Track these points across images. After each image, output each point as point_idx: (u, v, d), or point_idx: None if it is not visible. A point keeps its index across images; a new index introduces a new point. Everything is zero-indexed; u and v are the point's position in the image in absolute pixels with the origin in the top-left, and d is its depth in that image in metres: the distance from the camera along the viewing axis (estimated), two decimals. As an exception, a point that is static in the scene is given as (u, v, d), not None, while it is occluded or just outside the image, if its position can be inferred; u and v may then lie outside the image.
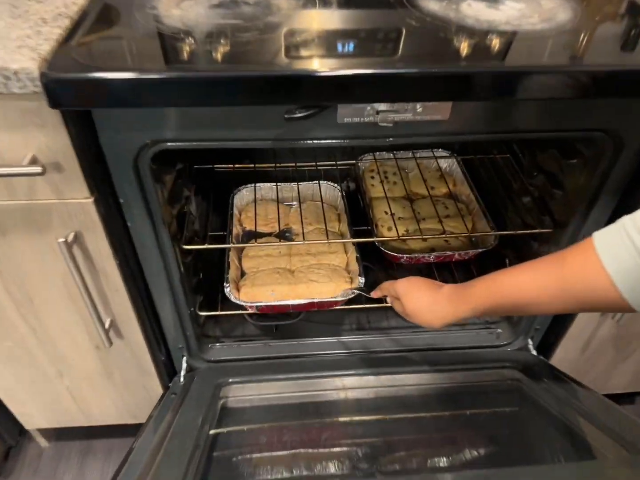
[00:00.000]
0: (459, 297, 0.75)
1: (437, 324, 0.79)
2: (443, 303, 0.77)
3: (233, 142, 0.79)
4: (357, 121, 0.77)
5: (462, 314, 0.75)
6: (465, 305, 0.74)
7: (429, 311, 0.80)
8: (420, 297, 0.81)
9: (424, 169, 1.45)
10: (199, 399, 0.98)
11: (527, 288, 0.66)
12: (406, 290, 0.85)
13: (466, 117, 0.79)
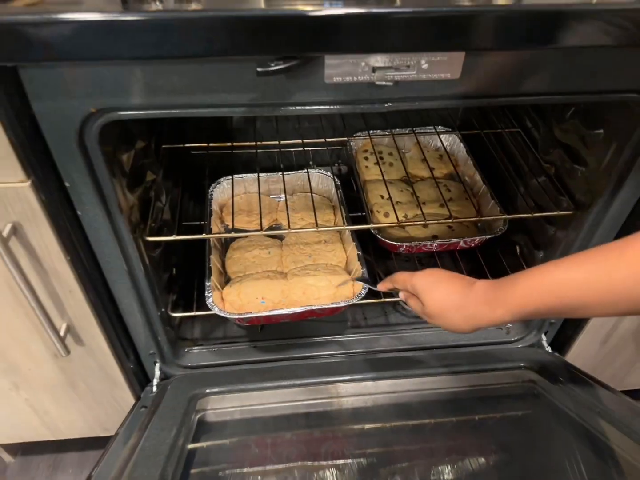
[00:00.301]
0: (497, 297, 0.61)
1: (467, 328, 0.65)
2: (476, 303, 0.63)
3: (198, 110, 0.65)
4: (349, 81, 0.63)
5: (500, 317, 0.61)
6: (505, 307, 0.60)
7: (458, 313, 0.65)
8: (446, 295, 0.67)
9: (423, 148, 1.31)
10: (171, 414, 0.85)
11: (587, 287, 0.52)
12: (428, 286, 0.69)
13: (480, 77, 0.65)
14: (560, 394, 0.89)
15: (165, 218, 0.98)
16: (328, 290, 0.99)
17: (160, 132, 1.03)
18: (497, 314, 0.60)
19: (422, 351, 1.10)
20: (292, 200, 1.18)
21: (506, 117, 1.16)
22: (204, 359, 1.07)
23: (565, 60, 0.65)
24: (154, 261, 0.92)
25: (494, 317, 0.61)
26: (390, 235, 1.10)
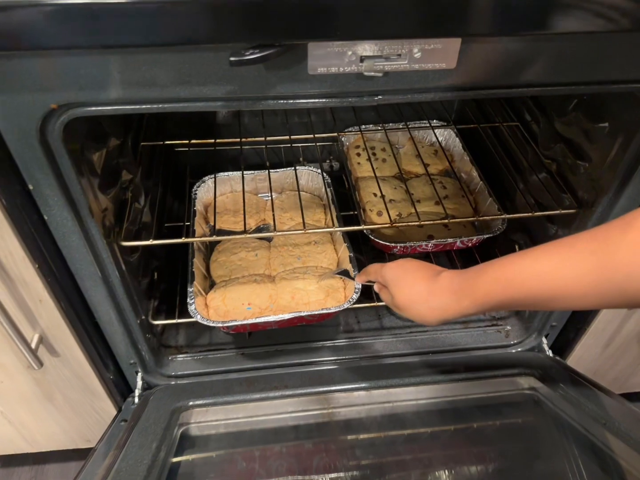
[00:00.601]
0: (462, 288, 0.58)
1: (433, 320, 0.63)
2: (442, 294, 0.61)
3: (171, 105, 0.59)
4: (334, 72, 0.57)
5: (465, 309, 0.58)
6: (470, 298, 0.57)
7: (424, 304, 0.63)
8: (413, 285, 0.65)
9: (417, 143, 1.26)
10: (152, 429, 0.80)
11: (554, 277, 0.49)
12: (396, 277, 0.68)
13: (478, 66, 0.60)
14: (563, 402, 0.85)
15: (145, 220, 0.93)
16: (318, 294, 0.94)
17: (139, 129, 0.97)
18: (462, 305, 0.58)
19: (417, 356, 1.05)
20: (281, 199, 1.13)
21: (504, 110, 1.10)
22: (188, 368, 1.02)
23: (569, 47, 0.60)
24: (132, 266, 0.86)
25: (460, 308, 0.59)
26: (383, 235, 1.05)
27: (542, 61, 0.60)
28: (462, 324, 1.11)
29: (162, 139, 1.04)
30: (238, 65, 0.49)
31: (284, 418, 0.87)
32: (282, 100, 0.61)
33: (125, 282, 0.82)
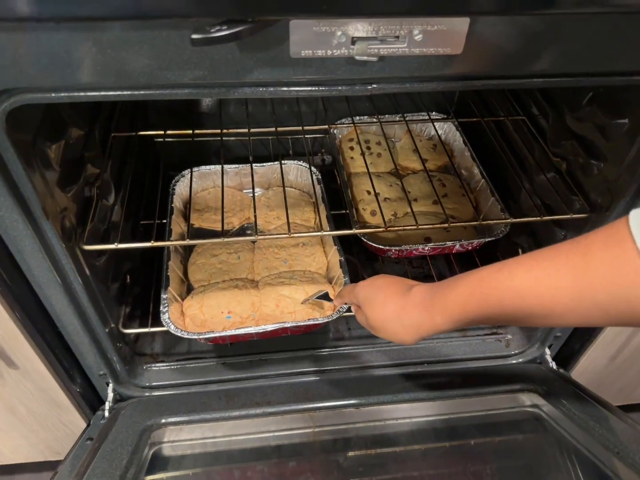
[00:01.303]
0: (434, 303, 0.55)
1: (407, 338, 0.59)
2: (413, 310, 0.57)
3: (127, 93, 0.51)
4: (321, 55, 0.49)
5: (439, 326, 0.55)
6: (443, 314, 0.54)
7: (397, 322, 0.59)
8: (384, 303, 0.61)
9: (415, 137, 1.18)
10: (117, 452, 0.72)
11: (531, 295, 0.46)
12: (368, 296, 0.65)
13: (488, 52, 0.52)
14: (569, 424, 0.78)
15: (115, 219, 0.84)
16: (305, 303, 0.86)
17: (109, 118, 0.88)
18: (436, 321, 0.54)
19: (412, 367, 0.98)
20: (267, 196, 1.04)
21: (509, 102, 1.02)
22: (165, 378, 0.94)
23: (594, 30, 0.52)
24: (99, 270, 0.78)
25: (433, 324, 0.55)
26: (377, 237, 0.97)
27: (561, 47, 0.52)
28: (459, 333, 1.04)
29: (137, 130, 0.95)
30: (202, 44, 0.40)
31: (266, 437, 0.80)
32: (261, 88, 0.53)
33: (89, 288, 0.74)
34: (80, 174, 0.72)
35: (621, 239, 0.39)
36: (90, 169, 0.75)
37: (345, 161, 1.13)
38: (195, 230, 0.97)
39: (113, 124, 0.88)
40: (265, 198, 1.04)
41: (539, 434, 0.83)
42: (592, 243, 0.42)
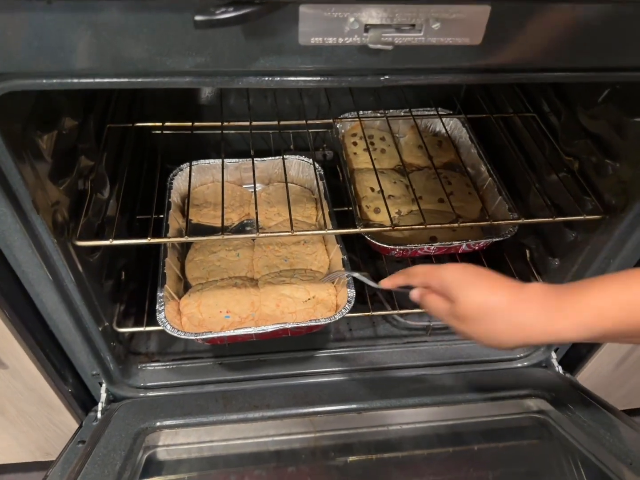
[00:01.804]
0: (561, 306, 0.46)
1: (509, 340, 0.49)
2: (529, 308, 0.48)
3: (124, 80, 0.48)
4: (332, 43, 0.46)
5: (560, 332, 0.46)
6: (572, 318, 0.45)
7: (503, 318, 0.49)
8: (489, 293, 0.50)
9: (420, 133, 1.14)
10: (110, 457, 0.70)
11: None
12: (464, 281, 0.52)
13: (510, 43, 0.49)
14: (579, 432, 0.75)
15: (111, 213, 0.81)
16: (306, 303, 0.83)
17: (105, 108, 0.85)
18: (556, 327, 0.46)
19: (414, 369, 0.95)
20: (268, 192, 1.01)
21: (518, 98, 0.99)
22: (160, 378, 0.91)
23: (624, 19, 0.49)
24: (92, 267, 0.75)
25: (552, 330, 0.46)
26: (380, 235, 0.94)
27: (588, 39, 0.49)
28: (463, 334, 1.02)
29: (134, 121, 0.91)
30: (206, 27, 0.37)
31: (265, 442, 0.77)
32: (267, 77, 0.49)
33: (82, 286, 0.71)
34: (73, 166, 0.68)
35: None
36: (84, 161, 0.72)
37: (349, 157, 1.10)
38: (194, 226, 0.94)
39: (109, 114, 0.85)
40: (265, 194, 1.01)
41: (545, 441, 0.80)
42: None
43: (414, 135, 1.13)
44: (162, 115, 0.97)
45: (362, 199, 1.01)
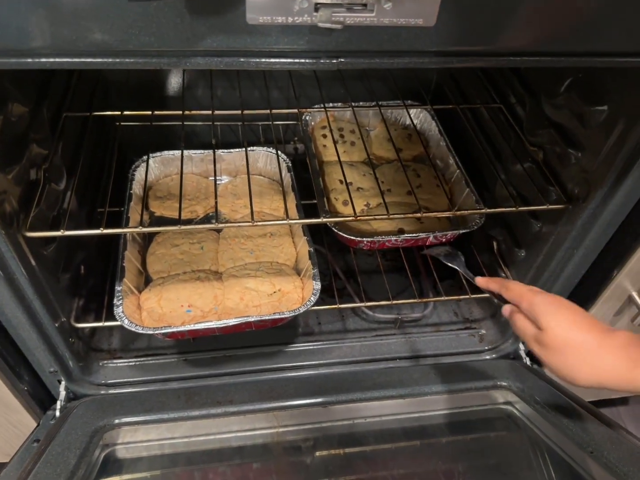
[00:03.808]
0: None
1: (585, 378, 0.52)
2: (614, 353, 0.50)
3: (60, 60, 0.45)
4: (281, 22, 0.45)
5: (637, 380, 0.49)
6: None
7: (585, 357, 0.51)
8: (578, 331, 0.53)
9: (390, 126, 1.14)
10: (63, 456, 0.67)
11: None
12: (556, 312, 0.55)
13: (464, 25, 0.48)
14: (543, 422, 0.75)
15: (67, 206, 0.78)
16: (271, 296, 0.82)
17: (63, 96, 0.82)
18: (635, 375, 0.49)
19: (383, 362, 0.95)
20: (234, 184, 0.99)
21: (485, 90, 0.99)
22: (122, 375, 0.89)
23: (581, 6, 0.48)
24: (47, 260, 0.72)
25: (631, 378, 0.49)
26: (349, 227, 0.93)
27: (544, 22, 0.49)
28: (433, 327, 1.02)
29: (96, 109, 0.89)
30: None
31: (227, 438, 0.76)
32: (216, 58, 0.48)
33: (35, 280, 0.68)
34: (22, 154, 0.65)
35: None
36: (35, 150, 0.69)
37: (318, 149, 1.08)
38: (157, 219, 0.92)
39: (66, 102, 0.82)
40: (232, 186, 0.99)
41: (512, 432, 0.80)
42: None
43: (384, 128, 1.12)
44: (127, 105, 0.94)
45: (331, 191, 1.00)
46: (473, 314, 1.04)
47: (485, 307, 1.04)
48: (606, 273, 0.82)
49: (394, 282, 1.06)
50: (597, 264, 0.81)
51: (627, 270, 0.80)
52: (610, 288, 0.83)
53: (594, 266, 0.82)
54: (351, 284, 1.05)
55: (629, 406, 1.33)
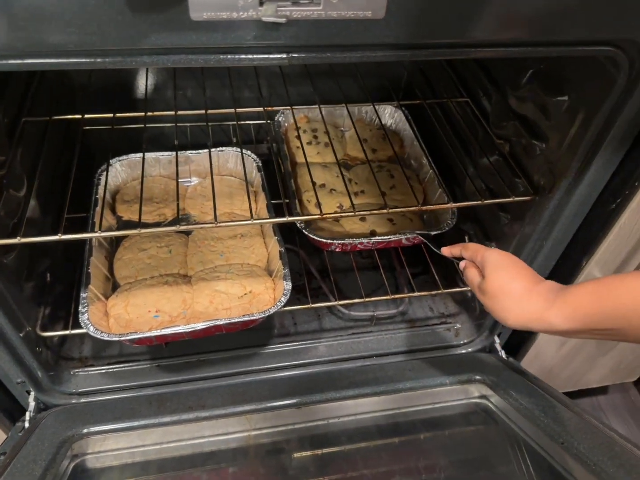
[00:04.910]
0: (556, 296, 0.56)
1: (513, 319, 0.59)
2: (536, 299, 0.58)
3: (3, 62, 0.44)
4: (226, 17, 0.44)
5: (552, 317, 0.55)
6: (560, 307, 0.55)
7: (514, 301, 0.60)
8: (513, 278, 0.61)
9: (365, 126, 1.13)
10: (28, 469, 0.65)
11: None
12: (498, 264, 0.63)
13: (413, 17, 0.48)
14: (516, 415, 0.75)
15: (30, 212, 0.76)
16: (241, 298, 0.81)
17: (22, 100, 0.80)
18: (550, 313, 0.55)
19: (360, 360, 0.94)
20: (204, 185, 0.98)
21: (453, 84, 0.99)
22: (94, 383, 0.87)
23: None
24: (7, 269, 0.71)
25: (546, 314, 0.55)
26: (321, 230, 0.92)
27: (493, 12, 0.48)
28: (408, 323, 1.01)
29: (61, 113, 0.87)
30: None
31: (200, 443, 0.74)
32: (163, 56, 0.47)
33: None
34: (-25, 159, 0.64)
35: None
36: (-10, 155, 0.67)
37: (291, 150, 1.07)
38: (125, 223, 0.90)
39: (25, 107, 0.80)
40: (201, 187, 0.97)
41: (487, 426, 0.80)
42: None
43: (359, 128, 1.11)
44: (95, 110, 0.92)
45: (304, 193, 0.99)
46: (448, 308, 1.04)
47: (460, 302, 1.04)
48: (576, 263, 0.82)
49: (369, 280, 1.05)
50: (566, 255, 0.82)
51: (596, 259, 0.80)
52: (580, 278, 0.83)
53: (564, 256, 0.82)
54: (326, 282, 1.04)
55: (608, 395, 1.34)
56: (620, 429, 1.27)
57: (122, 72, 1.05)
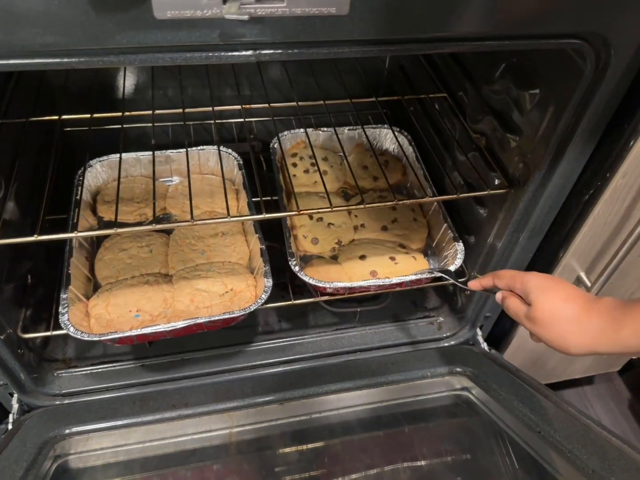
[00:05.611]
0: (625, 314, 0.51)
1: (576, 345, 0.53)
2: (600, 317, 0.53)
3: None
4: (190, 16, 0.44)
5: (627, 337, 0.51)
6: (635, 325, 0.50)
7: (573, 326, 0.53)
8: (564, 302, 0.55)
9: (364, 152, 1.07)
10: (10, 469, 0.66)
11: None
12: (544, 287, 0.57)
13: (377, 12, 0.48)
14: (496, 406, 0.76)
15: (8, 213, 0.76)
16: (223, 296, 0.81)
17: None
18: (621, 335, 0.51)
19: (344, 356, 0.95)
20: (185, 184, 0.98)
21: (432, 81, 0.99)
22: (78, 384, 0.87)
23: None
24: (-14, 271, 0.71)
25: (617, 337, 0.51)
26: (317, 273, 0.87)
27: (457, 7, 0.49)
28: (392, 317, 1.02)
29: (40, 115, 0.87)
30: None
31: (183, 441, 0.75)
32: (130, 55, 0.47)
33: (-27, 291, 0.66)
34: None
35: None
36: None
37: (286, 180, 0.99)
38: (106, 223, 0.90)
39: (1, 108, 0.80)
40: (182, 186, 0.98)
41: (469, 418, 0.81)
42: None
43: (359, 154, 1.07)
44: (75, 110, 0.92)
45: (299, 227, 0.94)
46: (431, 302, 1.05)
47: (443, 296, 1.05)
48: (553, 255, 0.83)
49: (353, 276, 1.06)
50: (543, 247, 0.83)
51: (572, 251, 0.81)
52: (558, 270, 0.84)
53: (540, 249, 0.83)
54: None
55: (594, 385, 1.35)
56: (606, 417, 1.29)
57: (101, 72, 1.04)
